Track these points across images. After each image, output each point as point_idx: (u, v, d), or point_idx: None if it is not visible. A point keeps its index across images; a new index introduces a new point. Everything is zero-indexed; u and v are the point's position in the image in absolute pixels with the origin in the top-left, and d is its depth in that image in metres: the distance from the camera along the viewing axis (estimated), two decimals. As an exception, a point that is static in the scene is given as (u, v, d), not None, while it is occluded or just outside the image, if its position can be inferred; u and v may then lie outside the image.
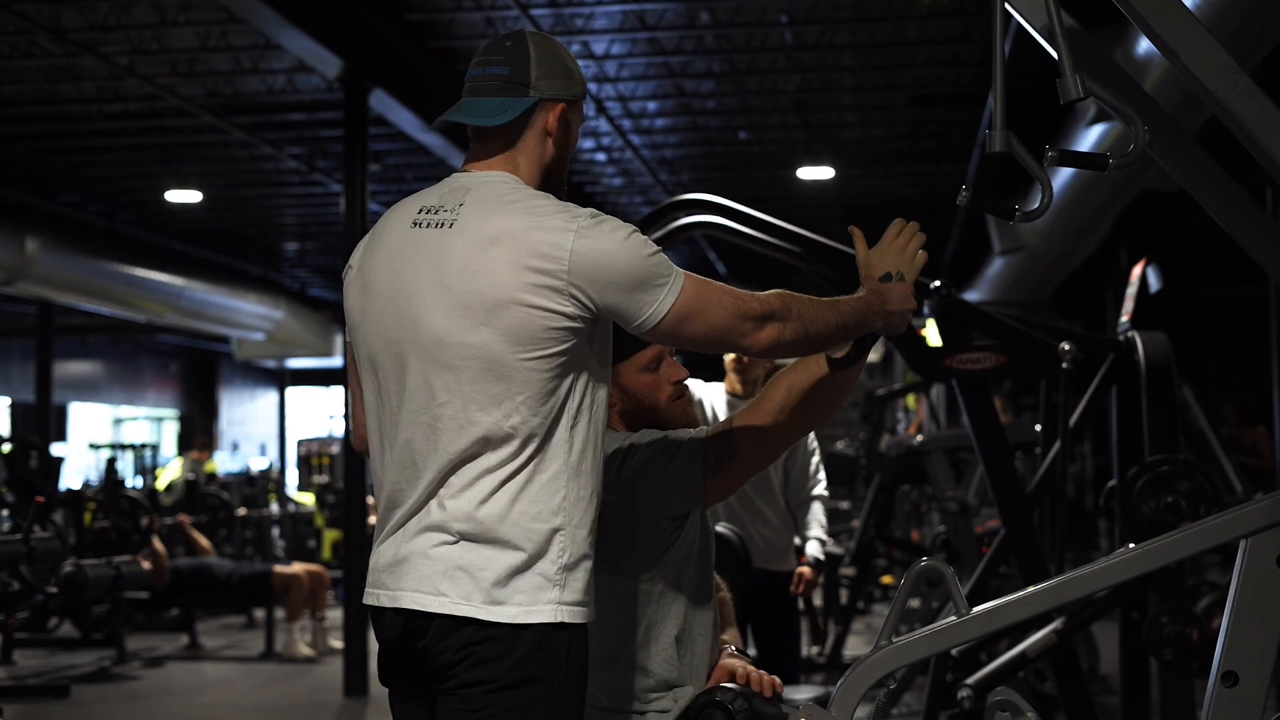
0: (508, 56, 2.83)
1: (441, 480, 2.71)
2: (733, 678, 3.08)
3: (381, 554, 2.79)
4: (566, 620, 2.67)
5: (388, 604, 2.74)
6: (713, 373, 6.53)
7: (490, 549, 2.67)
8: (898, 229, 3.10)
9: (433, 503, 2.72)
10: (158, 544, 11.49)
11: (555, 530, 2.69)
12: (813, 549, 6.53)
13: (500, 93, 2.82)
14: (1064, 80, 2.76)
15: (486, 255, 2.67)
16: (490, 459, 2.69)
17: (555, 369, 2.70)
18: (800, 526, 6.63)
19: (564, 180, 2.91)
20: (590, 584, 2.73)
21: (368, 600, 2.79)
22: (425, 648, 2.70)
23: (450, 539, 2.69)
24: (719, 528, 6.23)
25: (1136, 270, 6.20)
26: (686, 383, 3.21)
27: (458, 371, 2.70)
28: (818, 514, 6.64)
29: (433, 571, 2.69)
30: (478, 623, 2.64)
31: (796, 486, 6.58)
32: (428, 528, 2.71)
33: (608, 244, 2.67)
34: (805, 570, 6.45)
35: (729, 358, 6.34)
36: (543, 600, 2.66)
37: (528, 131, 2.84)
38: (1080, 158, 2.87)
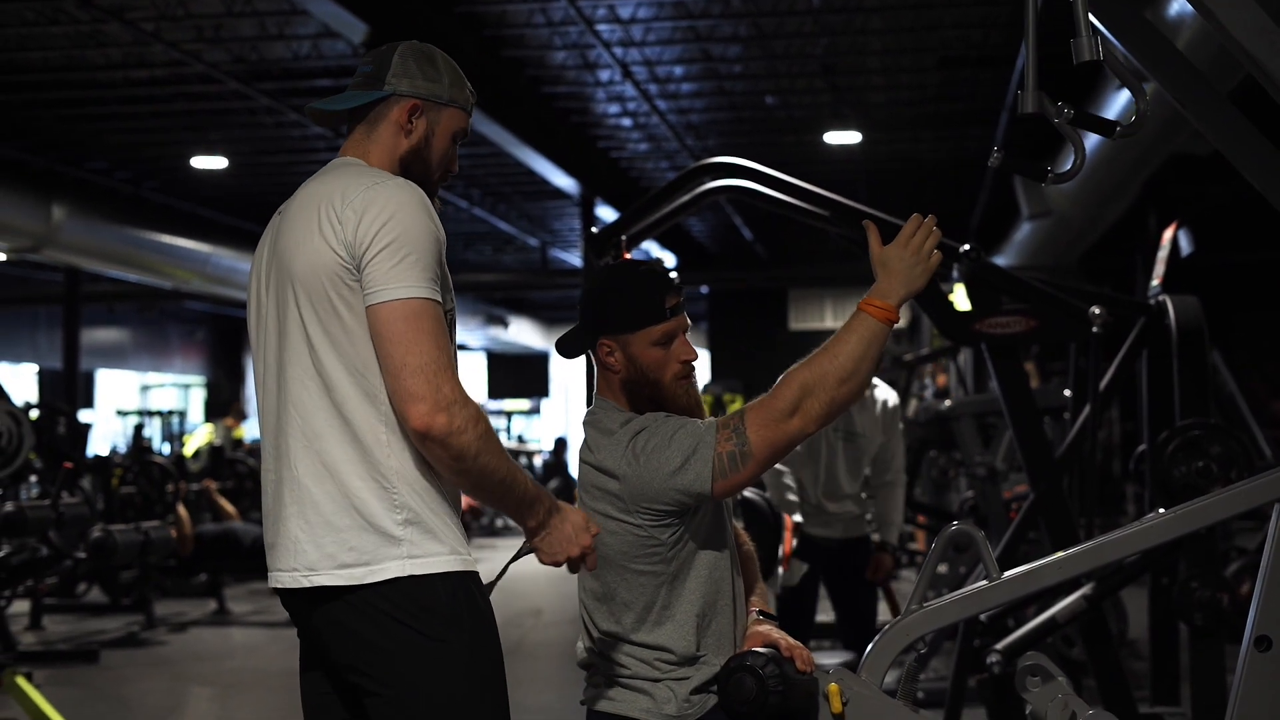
0: (376, 58, 2.98)
1: None
2: (765, 645, 3.07)
3: None
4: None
5: None
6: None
7: None
8: (914, 226, 3.07)
9: None
10: (182, 511, 11.54)
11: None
12: (892, 536, 6.60)
13: (359, 87, 2.97)
14: (1078, 40, 2.73)
15: (304, 218, 2.81)
16: None
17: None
18: (880, 513, 6.67)
19: (428, 180, 2.96)
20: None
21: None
22: None
23: None
24: (748, 493, 6.23)
25: (1168, 234, 6.16)
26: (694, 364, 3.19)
27: None
28: (898, 502, 6.70)
29: None
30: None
31: (879, 470, 6.64)
32: None
33: (394, 201, 2.74)
34: (885, 558, 6.49)
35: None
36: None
37: (382, 124, 2.94)
38: (1091, 120, 2.84)
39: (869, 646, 3.12)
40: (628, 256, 5.11)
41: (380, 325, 2.69)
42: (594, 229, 5.20)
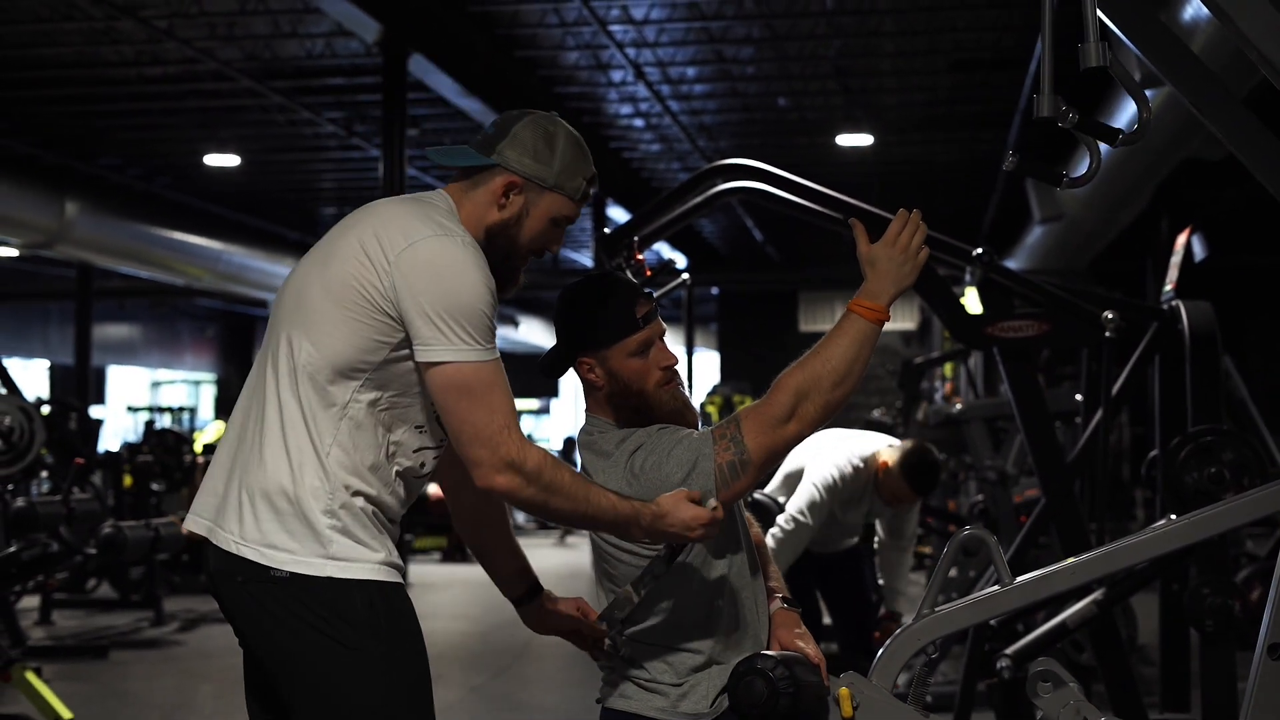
0: (502, 122, 2.96)
1: None
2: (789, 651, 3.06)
3: None
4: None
5: None
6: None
7: None
8: (901, 223, 3.06)
9: None
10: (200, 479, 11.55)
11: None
12: (901, 606, 6.64)
13: (478, 145, 2.95)
14: (1086, 46, 2.71)
15: (354, 238, 2.83)
16: None
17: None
18: (888, 580, 6.76)
19: (513, 255, 2.96)
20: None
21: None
22: None
23: None
24: (756, 494, 6.23)
25: (1181, 239, 6.14)
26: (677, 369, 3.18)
27: None
28: (906, 569, 6.79)
29: None
30: None
31: (894, 534, 6.70)
32: None
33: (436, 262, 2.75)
34: (893, 628, 6.44)
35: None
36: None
37: (481, 189, 2.92)
38: (1095, 127, 2.82)
39: (880, 651, 3.11)
40: (640, 258, 5.09)
41: (433, 389, 2.77)
42: (606, 230, 5.19)
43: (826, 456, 6.38)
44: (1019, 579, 3.10)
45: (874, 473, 6.44)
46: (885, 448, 6.49)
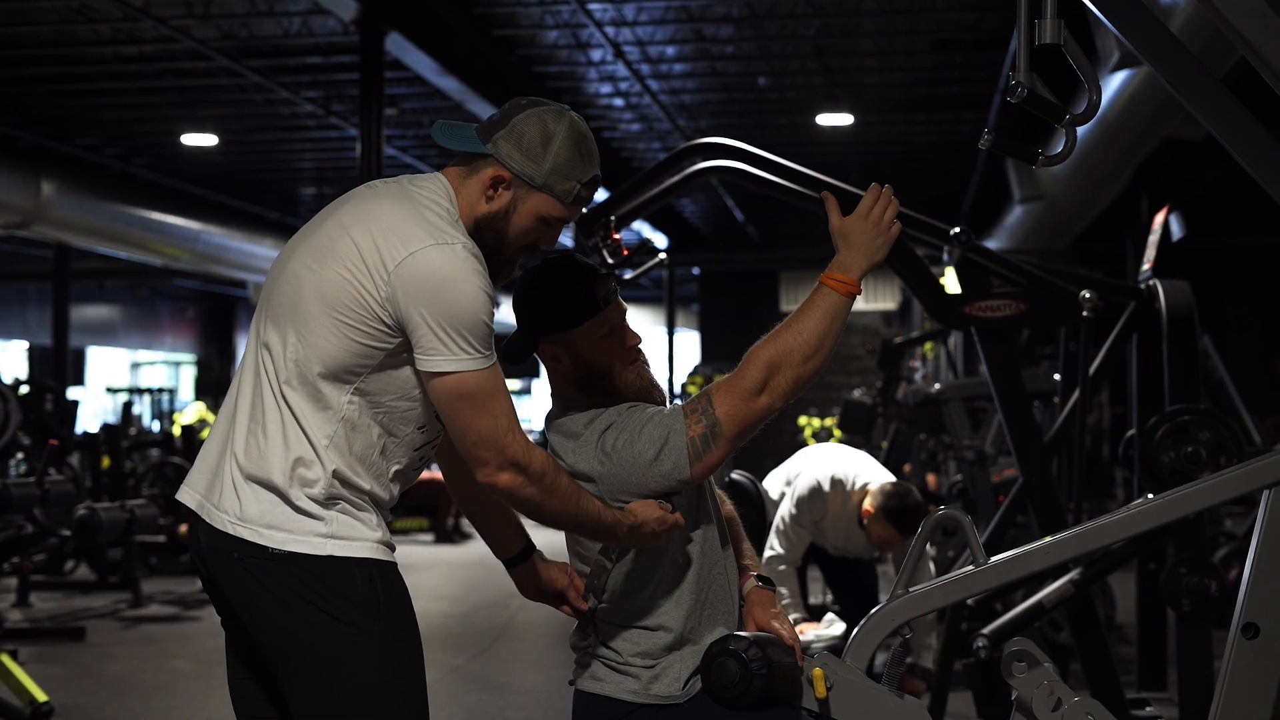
0: (509, 110, 2.91)
1: None
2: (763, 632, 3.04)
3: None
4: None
5: None
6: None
7: None
8: (873, 197, 3.05)
9: None
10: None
11: None
12: (927, 662, 6.53)
13: (482, 129, 2.90)
14: (1043, 23, 2.70)
15: (345, 224, 2.81)
16: None
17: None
18: (916, 635, 6.67)
19: (499, 250, 2.92)
20: None
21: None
22: None
23: None
24: (734, 474, 6.22)
25: (1159, 218, 6.14)
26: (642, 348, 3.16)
27: None
28: (932, 623, 6.65)
29: None
30: None
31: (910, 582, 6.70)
32: None
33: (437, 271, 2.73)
34: (919, 685, 6.38)
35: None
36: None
37: (474, 178, 2.89)
38: (1045, 104, 2.81)
39: (854, 630, 3.10)
40: (617, 237, 5.08)
41: (436, 396, 2.78)
42: (583, 209, 5.16)
43: (807, 472, 6.41)
44: (993, 559, 3.09)
45: (856, 505, 6.40)
46: (870, 484, 6.40)
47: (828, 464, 6.44)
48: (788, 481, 6.44)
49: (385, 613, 2.77)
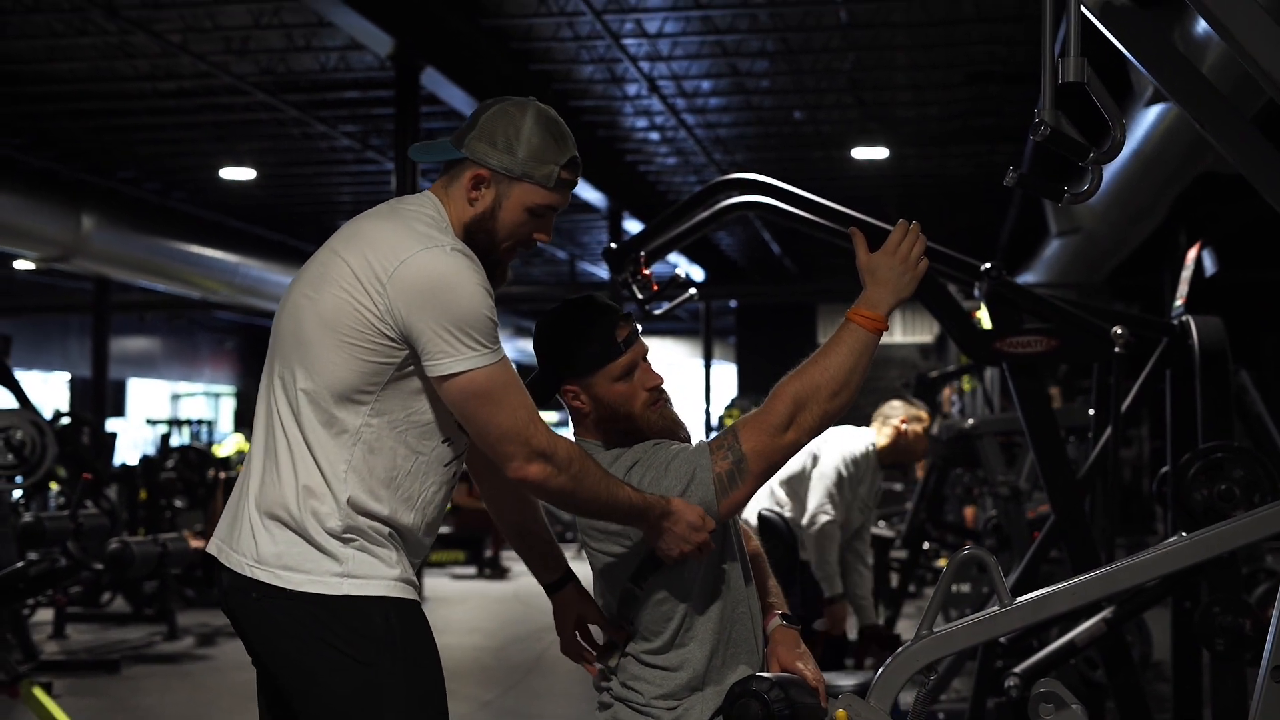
0: (477, 111, 2.93)
1: None
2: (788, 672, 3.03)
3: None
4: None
5: None
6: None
7: None
8: (901, 233, 3.05)
9: None
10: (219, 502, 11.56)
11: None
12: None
13: (455, 137, 2.92)
14: (1067, 61, 2.70)
15: (345, 261, 2.80)
16: None
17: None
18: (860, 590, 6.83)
19: (493, 249, 2.90)
20: None
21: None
22: None
23: None
24: (762, 510, 6.20)
25: (1191, 253, 6.10)
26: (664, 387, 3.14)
27: None
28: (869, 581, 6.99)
29: None
30: None
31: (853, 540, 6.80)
32: None
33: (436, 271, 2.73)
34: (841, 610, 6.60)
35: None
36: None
37: (455, 185, 2.90)
38: (1069, 143, 2.81)
39: (879, 671, 3.08)
40: (647, 273, 5.07)
41: (450, 400, 2.76)
42: (612, 244, 5.16)
43: (827, 455, 6.52)
44: (1019, 599, 3.06)
45: (874, 453, 6.67)
46: (883, 424, 6.77)
47: (847, 432, 6.71)
48: (814, 457, 6.55)
49: (404, 651, 2.76)
